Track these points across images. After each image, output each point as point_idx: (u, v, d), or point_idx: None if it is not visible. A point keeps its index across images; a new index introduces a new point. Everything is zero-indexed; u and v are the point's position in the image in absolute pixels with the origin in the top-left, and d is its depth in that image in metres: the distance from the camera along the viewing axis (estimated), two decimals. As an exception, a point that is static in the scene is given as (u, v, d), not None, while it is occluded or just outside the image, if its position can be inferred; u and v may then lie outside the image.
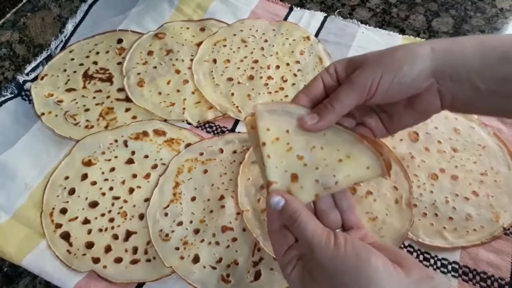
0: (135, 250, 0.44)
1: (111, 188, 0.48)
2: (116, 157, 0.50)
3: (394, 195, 0.47)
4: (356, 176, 0.33)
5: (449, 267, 0.44)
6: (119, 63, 0.59)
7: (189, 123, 0.54)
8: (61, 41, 0.62)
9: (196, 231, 0.45)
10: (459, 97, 0.34)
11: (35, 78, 0.57)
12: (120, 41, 0.61)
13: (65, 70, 0.58)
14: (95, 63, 0.59)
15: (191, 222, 0.45)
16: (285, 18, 0.66)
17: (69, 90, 0.56)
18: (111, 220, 0.46)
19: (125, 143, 0.51)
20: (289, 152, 0.34)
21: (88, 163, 0.49)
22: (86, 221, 0.46)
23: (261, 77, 0.58)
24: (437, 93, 0.34)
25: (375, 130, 0.38)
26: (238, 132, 0.53)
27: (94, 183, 0.48)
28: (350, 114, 0.36)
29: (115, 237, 0.45)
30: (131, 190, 0.48)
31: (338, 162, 0.33)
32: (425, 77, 0.33)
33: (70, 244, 0.44)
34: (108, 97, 0.56)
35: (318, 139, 0.34)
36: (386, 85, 0.33)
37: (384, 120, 0.38)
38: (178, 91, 0.56)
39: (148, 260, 0.43)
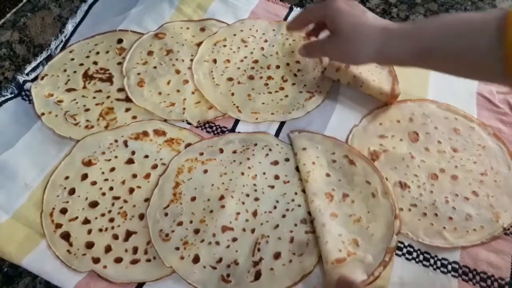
0: (135, 250, 0.44)
1: (111, 188, 0.48)
2: (116, 157, 0.50)
3: (369, 190, 0.47)
4: None
5: (449, 267, 0.44)
6: (119, 63, 0.59)
7: (189, 123, 0.54)
8: (61, 41, 0.62)
9: (196, 231, 0.45)
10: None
11: (35, 78, 0.57)
12: (120, 41, 0.61)
13: (65, 70, 0.58)
14: (95, 63, 0.59)
15: (191, 222, 0.45)
16: (285, 18, 0.66)
17: (69, 90, 0.56)
18: (111, 220, 0.46)
19: (125, 143, 0.51)
20: None
21: (88, 163, 0.49)
22: (86, 221, 0.46)
23: (261, 77, 0.58)
24: None
25: None
26: (238, 132, 0.53)
27: (94, 183, 0.48)
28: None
29: (115, 237, 0.45)
30: (131, 190, 0.48)
31: None
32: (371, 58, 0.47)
33: (70, 244, 0.44)
34: (108, 97, 0.56)
35: None
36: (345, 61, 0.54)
37: None
38: (178, 91, 0.56)
39: (148, 260, 0.43)
